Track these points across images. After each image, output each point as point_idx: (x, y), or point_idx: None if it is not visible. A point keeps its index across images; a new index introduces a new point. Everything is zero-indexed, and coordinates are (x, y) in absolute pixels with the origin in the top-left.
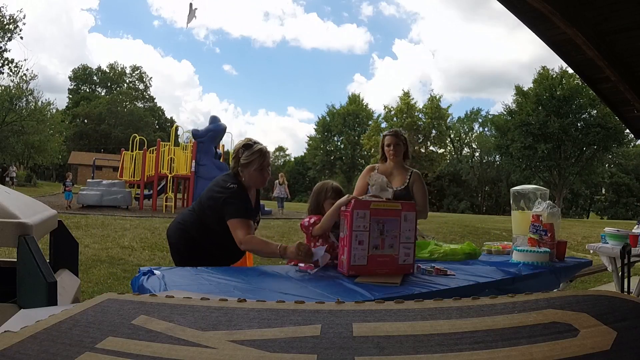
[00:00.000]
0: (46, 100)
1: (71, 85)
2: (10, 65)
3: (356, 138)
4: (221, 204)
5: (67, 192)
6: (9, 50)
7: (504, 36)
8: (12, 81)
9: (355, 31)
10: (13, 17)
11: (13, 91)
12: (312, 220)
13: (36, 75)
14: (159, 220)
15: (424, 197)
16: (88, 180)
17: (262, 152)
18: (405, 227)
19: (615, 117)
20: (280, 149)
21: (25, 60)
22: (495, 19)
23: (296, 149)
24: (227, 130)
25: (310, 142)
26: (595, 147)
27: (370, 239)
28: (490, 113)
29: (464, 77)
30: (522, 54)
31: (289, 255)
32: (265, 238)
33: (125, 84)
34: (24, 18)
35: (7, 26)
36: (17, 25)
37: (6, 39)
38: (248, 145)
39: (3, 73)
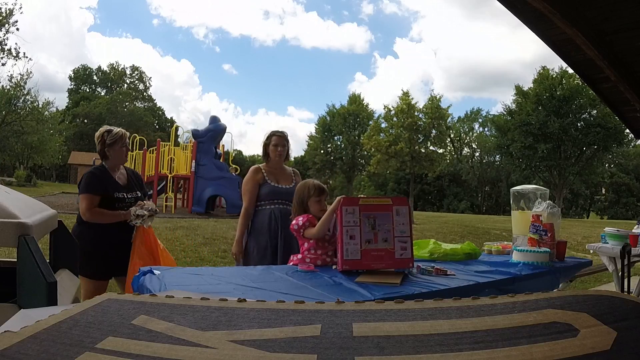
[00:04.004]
0: (45, 99)
1: (71, 85)
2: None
3: (356, 138)
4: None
5: None
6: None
7: (506, 35)
8: (10, 80)
9: (355, 30)
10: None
11: (11, 90)
12: (300, 222)
13: (31, 73)
14: (159, 221)
15: None
16: None
17: (123, 133)
18: (399, 221)
19: (615, 117)
20: None
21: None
22: (497, 17)
23: (296, 148)
24: (227, 130)
25: (311, 142)
26: (595, 147)
27: (362, 233)
28: (491, 113)
29: (466, 77)
30: (524, 53)
31: (127, 217)
32: None
33: (125, 84)
34: (20, 9)
35: (3, 20)
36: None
37: (4, 30)
38: (110, 130)
39: (5, 65)
